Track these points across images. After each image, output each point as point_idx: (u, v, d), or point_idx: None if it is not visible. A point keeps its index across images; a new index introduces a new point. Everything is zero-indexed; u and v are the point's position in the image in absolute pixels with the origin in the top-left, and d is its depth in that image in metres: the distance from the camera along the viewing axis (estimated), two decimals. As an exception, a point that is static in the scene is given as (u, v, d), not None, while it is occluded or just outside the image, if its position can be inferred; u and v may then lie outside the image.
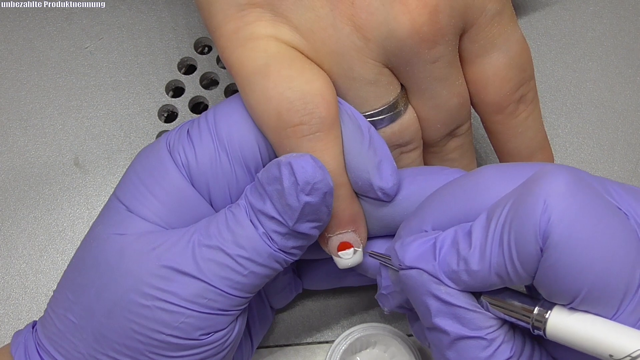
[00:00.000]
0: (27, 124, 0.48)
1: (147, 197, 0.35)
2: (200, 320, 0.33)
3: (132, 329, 0.33)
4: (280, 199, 0.33)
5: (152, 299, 0.33)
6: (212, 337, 0.34)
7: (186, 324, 0.33)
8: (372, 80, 0.35)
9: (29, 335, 0.36)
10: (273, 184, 0.33)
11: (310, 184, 0.32)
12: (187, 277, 0.33)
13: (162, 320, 0.33)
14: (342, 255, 0.36)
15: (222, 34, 0.35)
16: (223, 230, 0.34)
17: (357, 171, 0.35)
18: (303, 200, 0.32)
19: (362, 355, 0.43)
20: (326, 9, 0.34)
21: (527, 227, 0.28)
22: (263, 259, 0.34)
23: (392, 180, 0.35)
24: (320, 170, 0.33)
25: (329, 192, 0.33)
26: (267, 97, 0.34)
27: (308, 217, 0.33)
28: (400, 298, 0.35)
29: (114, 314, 0.34)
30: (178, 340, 0.33)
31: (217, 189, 0.36)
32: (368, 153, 0.35)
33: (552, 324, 0.28)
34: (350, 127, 0.35)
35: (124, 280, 0.34)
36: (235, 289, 0.34)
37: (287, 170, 0.32)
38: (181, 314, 0.33)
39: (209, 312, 0.33)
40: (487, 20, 0.35)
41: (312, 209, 0.33)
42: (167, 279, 0.33)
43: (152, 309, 0.33)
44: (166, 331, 0.33)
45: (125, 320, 0.33)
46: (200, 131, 0.36)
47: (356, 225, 0.36)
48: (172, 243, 0.34)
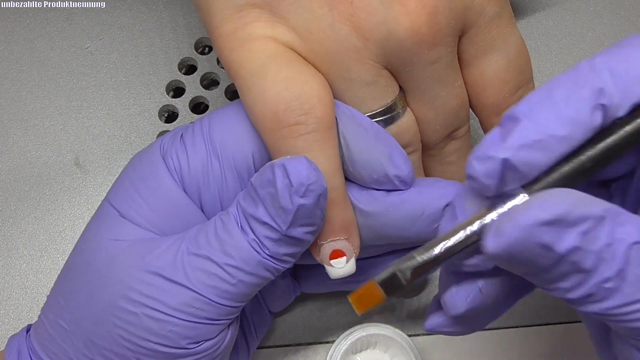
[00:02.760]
0: (28, 124, 0.48)
1: (138, 202, 0.35)
2: (188, 329, 0.33)
3: (120, 335, 0.33)
4: (273, 202, 0.32)
5: (140, 306, 0.33)
6: (202, 347, 0.34)
7: (174, 333, 0.33)
8: (370, 82, 0.35)
9: (23, 340, 0.36)
10: (266, 187, 0.32)
11: (305, 185, 0.32)
12: (175, 285, 0.33)
13: (150, 328, 0.33)
14: (335, 264, 0.35)
15: (221, 35, 0.35)
16: (211, 239, 0.33)
17: (371, 164, 0.35)
18: (297, 203, 0.32)
19: (362, 356, 0.43)
20: (324, 9, 0.34)
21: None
22: (251, 267, 0.33)
23: (406, 168, 0.35)
24: (315, 172, 0.32)
25: (323, 194, 0.33)
26: (264, 97, 0.34)
27: (302, 221, 0.33)
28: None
29: (102, 320, 0.33)
30: (166, 349, 0.33)
31: (208, 195, 0.36)
32: (377, 146, 0.34)
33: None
34: (352, 126, 0.35)
35: (113, 287, 0.33)
36: (223, 298, 0.33)
37: (280, 172, 0.32)
38: (168, 322, 0.33)
39: (196, 321, 0.33)
40: (485, 22, 0.35)
41: (306, 212, 0.32)
42: (154, 286, 0.33)
43: (140, 316, 0.33)
44: (153, 339, 0.33)
45: (114, 327, 0.33)
46: (194, 137, 0.36)
47: (349, 233, 0.35)
48: (162, 251, 0.34)
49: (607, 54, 0.27)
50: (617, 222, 0.26)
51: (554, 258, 0.25)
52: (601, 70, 0.27)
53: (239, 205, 0.34)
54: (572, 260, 0.25)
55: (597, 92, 0.27)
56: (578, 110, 0.27)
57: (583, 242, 0.25)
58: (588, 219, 0.25)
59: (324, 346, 0.44)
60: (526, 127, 0.27)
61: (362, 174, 0.35)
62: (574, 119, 0.27)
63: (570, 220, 0.25)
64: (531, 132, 0.27)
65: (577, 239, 0.25)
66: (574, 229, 0.25)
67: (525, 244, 0.25)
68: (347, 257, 0.35)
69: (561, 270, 0.26)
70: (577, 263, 0.25)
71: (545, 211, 0.25)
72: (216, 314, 0.34)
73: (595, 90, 0.27)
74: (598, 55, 0.27)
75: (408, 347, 0.42)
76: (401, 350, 0.42)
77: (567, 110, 0.27)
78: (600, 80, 0.27)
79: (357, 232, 0.36)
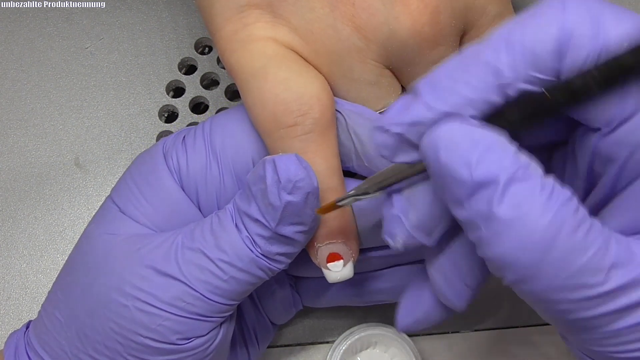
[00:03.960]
0: (28, 124, 0.48)
1: (139, 199, 0.35)
2: (178, 324, 0.33)
3: (112, 328, 0.33)
4: (263, 198, 0.32)
5: (132, 298, 0.33)
6: (192, 344, 0.34)
7: (164, 327, 0.33)
8: (373, 82, 0.35)
9: (21, 335, 0.37)
10: (258, 183, 0.33)
11: (292, 181, 0.32)
12: (168, 278, 0.33)
13: (140, 321, 0.33)
14: (332, 268, 0.35)
15: (222, 36, 0.35)
16: (206, 234, 0.33)
17: None
18: (285, 199, 0.32)
19: (362, 356, 0.43)
20: (326, 9, 0.34)
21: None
22: (244, 263, 0.33)
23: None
24: (304, 169, 0.32)
25: (312, 192, 0.32)
26: (264, 99, 0.34)
27: (291, 219, 0.32)
28: (418, 212, 0.30)
29: (96, 313, 0.34)
30: (155, 344, 0.33)
31: (206, 196, 0.36)
32: None
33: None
34: (362, 122, 0.35)
35: (108, 279, 0.34)
36: (215, 294, 0.33)
37: (270, 168, 0.32)
38: (159, 316, 0.33)
39: (187, 317, 0.33)
40: (487, 21, 0.35)
41: (295, 210, 0.32)
42: (147, 279, 0.33)
43: (131, 309, 0.33)
44: (143, 333, 0.33)
45: (106, 320, 0.33)
46: (195, 139, 0.36)
47: (347, 237, 0.35)
48: (157, 244, 0.34)
49: (514, 24, 0.27)
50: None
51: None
52: (501, 45, 0.27)
53: (235, 202, 0.34)
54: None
55: (494, 73, 0.26)
56: (475, 90, 0.27)
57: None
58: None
59: (324, 346, 0.44)
60: (423, 103, 0.27)
61: (379, 167, 0.35)
62: (469, 98, 0.27)
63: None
64: (425, 110, 0.27)
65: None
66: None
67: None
68: (344, 261, 0.35)
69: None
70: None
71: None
72: (207, 310, 0.33)
73: (493, 69, 0.27)
74: (507, 24, 0.27)
75: (408, 347, 0.42)
76: (401, 350, 0.42)
77: (464, 90, 0.27)
78: (497, 58, 0.26)
79: (355, 236, 0.35)
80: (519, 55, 0.26)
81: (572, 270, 0.25)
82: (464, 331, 0.45)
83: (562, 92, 0.27)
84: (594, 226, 0.25)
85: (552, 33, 0.26)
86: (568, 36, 0.26)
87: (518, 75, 0.26)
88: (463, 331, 0.45)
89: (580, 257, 0.25)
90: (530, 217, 0.25)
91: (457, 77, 0.27)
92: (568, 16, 0.26)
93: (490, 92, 0.27)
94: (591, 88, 0.26)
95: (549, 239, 0.25)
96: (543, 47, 0.26)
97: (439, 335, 0.44)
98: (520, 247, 0.25)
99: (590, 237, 0.25)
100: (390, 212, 0.30)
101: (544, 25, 0.26)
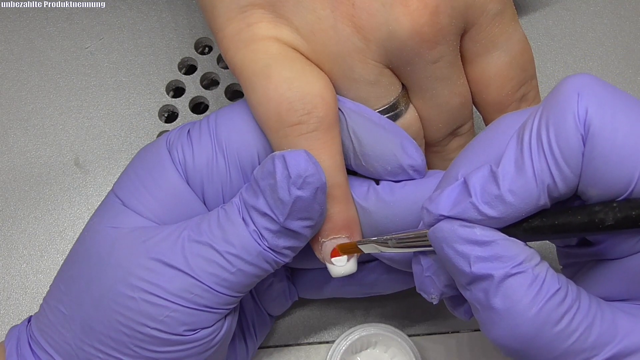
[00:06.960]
0: (28, 124, 0.48)
1: (142, 192, 0.35)
2: (185, 315, 0.33)
3: (118, 320, 0.33)
4: (272, 193, 0.33)
5: (139, 290, 0.33)
6: (198, 335, 0.34)
7: (171, 318, 0.33)
8: (373, 81, 0.35)
9: (23, 328, 0.37)
10: (267, 178, 0.33)
11: (302, 177, 0.32)
12: (175, 270, 0.33)
13: (147, 312, 0.33)
14: (336, 262, 0.35)
15: (225, 36, 0.35)
16: (214, 227, 0.34)
17: (384, 156, 0.35)
18: (294, 194, 0.32)
19: (362, 356, 0.43)
20: (327, 10, 0.34)
21: (566, 120, 0.27)
22: (252, 257, 0.34)
23: (419, 156, 0.35)
24: (313, 165, 0.33)
25: (321, 188, 0.33)
26: (268, 98, 0.34)
27: (299, 214, 0.33)
28: (447, 274, 0.32)
29: (101, 305, 0.34)
30: (162, 335, 0.33)
31: (211, 190, 0.36)
32: (388, 137, 0.35)
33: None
34: (361, 121, 0.35)
35: (113, 272, 0.34)
36: (222, 286, 0.34)
37: (280, 163, 0.33)
38: (166, 308, 0.33)
39: (194, 308, 0.33)
40: (488, 20, 0.35)
41: (304, 205, 0.33)
42: (154, 271, 0.33)
43: (138, 301, 0.33)
44: (150, 324, 0.33)
45: (112, 312, 0.33)
46: (201, 132, 0.36)
47: (351, 231, 0.35)
48: (163, 237, 0.34)
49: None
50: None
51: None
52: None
53: (241, 196, 0.34)
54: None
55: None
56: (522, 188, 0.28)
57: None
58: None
59: (324, 346, 0.44)
60: (474, 208, 0.29)
61: (376, 167, 0.35)
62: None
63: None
64: (475, 213, 0.29)
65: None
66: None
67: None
68: (348, 256, 0.35)
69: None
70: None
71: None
72: (214, 302, 0.34)
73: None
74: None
75: (408, 347, 0.42)
76: (401, 350, 0.42)
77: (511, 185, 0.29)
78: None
79: (359, 231, 0.36)
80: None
81: (557, 354, 0.28)
82: (464, 331, 0.45)
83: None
84: (580, 310, 0.28)
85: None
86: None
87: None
88: (463, 331, 0.45)
89: (564, 343, 0.28)
90: (518, 310, 0.28)
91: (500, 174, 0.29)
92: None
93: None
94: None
95: (534, 330, 0.28)
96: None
97: (439, 335, 0.44)
98: (511, 335, 0.28)
99: (574, 324, 0.28)
100: (422, 273, 0.33)
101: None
